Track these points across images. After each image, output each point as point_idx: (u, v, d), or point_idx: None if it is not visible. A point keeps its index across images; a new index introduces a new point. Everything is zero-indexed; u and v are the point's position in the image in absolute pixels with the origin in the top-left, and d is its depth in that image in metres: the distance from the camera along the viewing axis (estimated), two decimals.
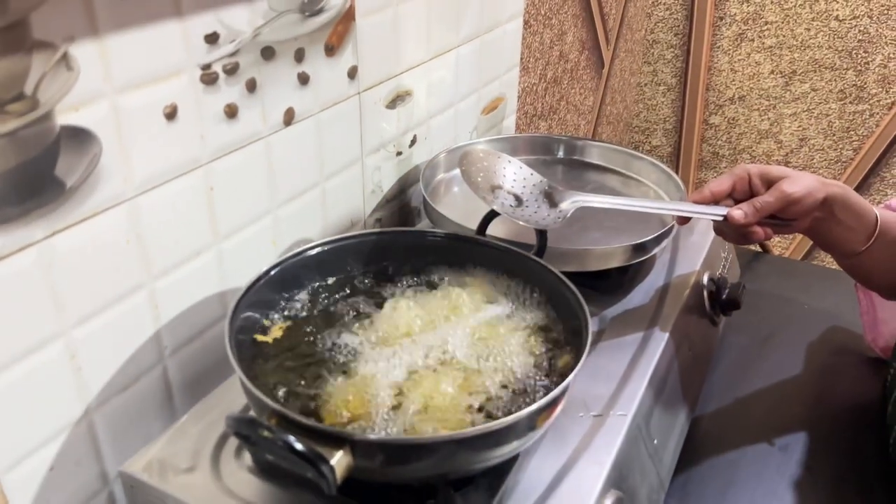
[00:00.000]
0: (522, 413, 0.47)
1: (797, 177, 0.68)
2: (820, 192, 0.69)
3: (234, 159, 0.65)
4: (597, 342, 0.70)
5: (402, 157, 0.91)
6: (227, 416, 0.45)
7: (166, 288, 0.62)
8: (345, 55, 0.75)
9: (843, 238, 0.73)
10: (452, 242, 0.68)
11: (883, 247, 0.73)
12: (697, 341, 0.79)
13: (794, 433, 0.80)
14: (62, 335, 0.54)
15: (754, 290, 1.03)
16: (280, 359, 0.57)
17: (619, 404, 0.62)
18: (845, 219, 0.71)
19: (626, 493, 0.58)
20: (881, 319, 0.91)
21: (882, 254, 0.74)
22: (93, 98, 0.51)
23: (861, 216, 0.72)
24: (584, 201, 0.69)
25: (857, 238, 0.73)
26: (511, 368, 0.57)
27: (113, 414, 0.60)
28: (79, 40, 0.49)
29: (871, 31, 1.69)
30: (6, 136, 0.47)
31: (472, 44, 1.00)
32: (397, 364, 0.56)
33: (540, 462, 0.57)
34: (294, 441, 0.42)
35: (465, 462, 0.49)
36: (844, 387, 0.88)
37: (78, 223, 0.53)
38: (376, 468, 0.47)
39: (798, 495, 0.73)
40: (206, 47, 0.59)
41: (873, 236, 0.72)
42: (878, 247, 0.73)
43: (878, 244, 0.73)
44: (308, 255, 0.64)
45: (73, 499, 0.59)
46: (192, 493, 0.54)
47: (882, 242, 0.73)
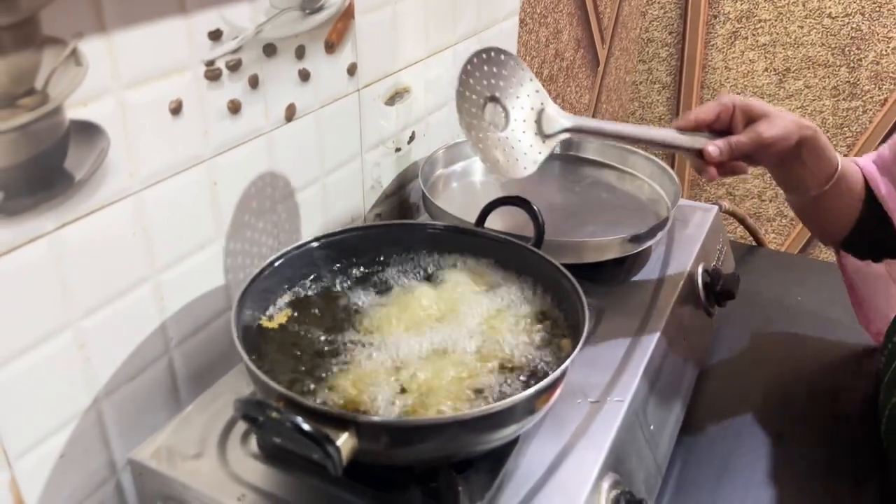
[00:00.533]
0: (522, 395, 0.48)
1: (775, 118, 0.70)
2: (794, 135, 0.71)
3: (237, 154, 0.66)
4: (594, 332, 0.72)
5: (400, 153, 0.92)
6: (235, 400, 0.46)
7: (171, 280, 0.63)
8: (344, 52, 0.76)
9: (802, 178, 0.76)
10: (451, 234, 0.69)
11: (835, 193, 0.76)
12: (692, 331, 0.81)
13: (788, 422, 0.82)
14: (71, 325, 0.55)
15: (749, 283, 1.04)
16: (284, 346, 0.59)
17: (615, 391, 0.64)
18: (809, 161, 0.74)
19: (624, 476, 0.59)
20: (865, 298, 0.93)
21: (833, 200, 0.77)
22: (101, 93, 0.53)
23: (824, 160, 0.75)
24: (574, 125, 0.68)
25: (815, 181, 0.76)
26: (510, 356, 0.58)
27: (121, 403, 0.61)
28: (87, 37, 0.51)
29: (864, 28, 1.71)
30: (18, 129, 0.48)
31: (469, 41, 1.01)
32: (398, 352, 0.58)
33: (539, 446, 0.58)
34: (301, 422, 0.44)
35: (466, 444, 0.50)
36: (838, 376, 0.90)
37: (86, 215, 0.54)
38: (380, 450, 0.48)
39: (792, 482, 0.74)
40: (210, 44, 0.60)
41: (830, 181, 0.75)
42: (831, 192, 0.76)
43: (832, 190, 0.76)
44: (311, 247, 0.65)
45: (83, 487, 0.60)
46: (200, 478, 0.55)
47: (836, 189, 0.76)
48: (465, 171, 0.97)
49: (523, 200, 0.69)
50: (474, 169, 0.98)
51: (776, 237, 1.99)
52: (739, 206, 1.97)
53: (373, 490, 0.53)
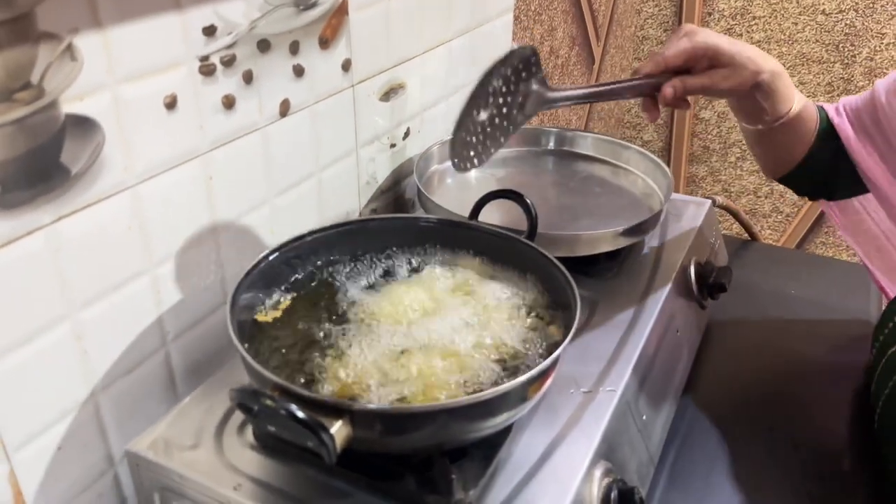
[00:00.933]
0: (513, 383, 0.49)
1: (737, 69, 0.72)
2: (749, 83, 0.73)
3: (232, 149, 0.67)
4: (587, 323, 0.73)
5: (395, 149, 0.93)
6: (230, 389, 0.47)
7: (168, 274, 0.64)
8: (339, 48, 0.77)
9: (756, 112, 0.78)
10: (445, 227, 0.70)
11: (787, 130, 0.79)
12: (685, 323, 0.82)
13: (780, 414, 0.82)
14: (69, 317, 0.56)
15: (743, 277, 1.05)
16: (279, 339, 0.59)
17: (608, 381, 0.64)
18: (764, 100, 0.76)
19: (616, 465, 0.60)
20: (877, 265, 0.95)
21: (783, 136, 0.80)
22: (96, 88, 0.53)
23: (780, 102, 0.77)
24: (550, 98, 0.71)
25: (769, 117, 0.78)
26: (503, 346, 0.59)
27: (118, 396, 0.62)
28: (82, 32, 0.51)
29: (858, 25, 1.72)
30: (14, 123, 0.49)
31: (464, 38, 1.02)
32: (392, 343, 0.58)
33: (532, 435, 0.59)
34: (296, 409, 0.44)
35: (459, 432, 0.51)
36: (830, 369, 0.90)
37: (83, 209, 0.55)
38: (375, 438, 0.49)
39: (785, 473, 0.75)
40: (204, 40, 0.61)
41: (782, 119, 0.78)
42: (783, 128, 0.79)
43: (784, 126, 0.79)
44: (306, 241, 0.66)
45: (81, 479, 0.61)
46: (196, 468, 0.56)
47: (788, 126, 0.79)
48: None
49: (516, 194, 0.69)
50: None
51: (772, 233, 2.00)
52: (735, 202, 1.98)
53: (367, 478, 0.54)
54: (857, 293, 1.05)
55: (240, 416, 0.61)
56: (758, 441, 0.78)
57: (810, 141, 0.81)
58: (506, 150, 1.02)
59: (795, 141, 0.82)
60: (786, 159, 0.84)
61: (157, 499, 0.58)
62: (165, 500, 0.58)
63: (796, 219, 1.94)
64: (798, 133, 0.81)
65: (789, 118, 0.78)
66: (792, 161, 0.84)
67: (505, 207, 0.74)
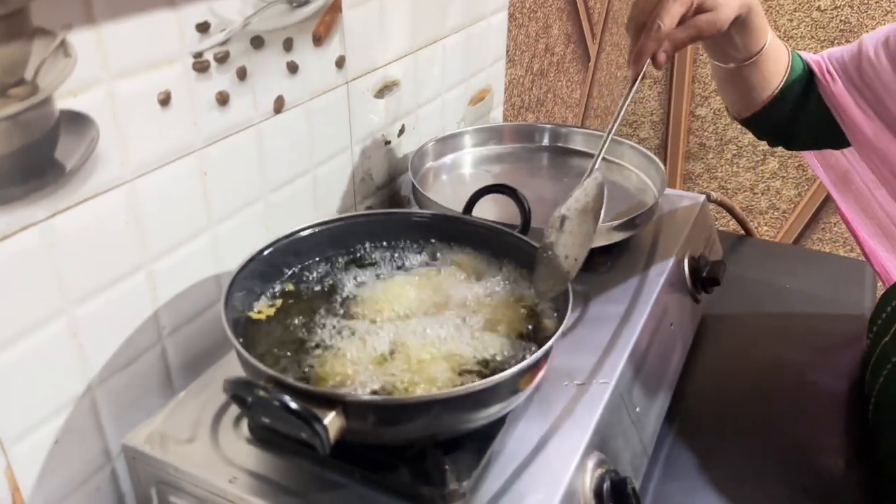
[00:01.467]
0: (505, 374, 0.49)
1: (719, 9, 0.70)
2: (727, 21, 0.72)
3: (227, 145, 0.67)
4: (580, 317, 0.73)
5: (390, 145, 0.93)
6: (224, 380, 0.47)
7: (164, 269, 0.64)
8: (332, 45, 0.77)
9: (727, 50, 0.79)
10: (439, 222, 0.70)
11: (756, 70, 0.80)
12: (679, 317, 0.82)
13: (776, 405, 0.83)
14: (64, 312, 0.56)
15: (738, 272, 1.05)
16: (273, 334, 0.60)
17: (601, 374, 0.65)
18: (737, 36, 0.76)
19: (609, 456, 0.60)
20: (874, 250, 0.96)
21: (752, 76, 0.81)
22: (90, 84, 0.54)
23: (753, 38, 0.77)
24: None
25: (740, 55, 0.79)
26: (496, 339, 0.59)
27: (114, 391, 0.62)
28: (76, 28, 0.52)
29: (853, 21, 1.72)
30: (9, 119, 0.49)
31: (458, 35, 1.02)
32: (385, 337, 0.59)
33: (525, 427, 0.59)
34: (289, 400, 0.45)
35: (452, 423, 0.51)
36: (824, 361, 0.91)
37: (78, 204, 0.55)
38: (368, 429, 0.49)
39: (780, 464, 0.75)
40: (198, 36, 0.61)
41: (753, 57, 0.78)
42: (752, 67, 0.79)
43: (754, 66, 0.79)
44: (300, 237, 0.66)
45: (78, 473, 0.61)
46: (192, 461, 0.56)
47: (758, 65, 0.79)
48: (455, 163, 0.99)
49: (509, 188, 0.70)
50: (463, 161, 0.99)
51: (768, 230, 2.00)
52: (731, 198, 1.99)
53: (361, 470, 0.54)
54: (853, 287, 1.05)
55: (235, 410, 0.61)
56: (752, 433, 0.78)
57: (779, 83, 0.82)
58: (500, 147, 1.02)
59: (764, 82, 0.82)
60: (753, 100, 0.84)
61: (153, 492, 0.59)
62: (162, 494, 0.58)
63: (793, 215, 1.95)
64: (768, 73, 0.81)
65: (761, 56, 0.78)
66: (758, 102, 0.84)
67: (500, 203, 0.74)
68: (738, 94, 0.86)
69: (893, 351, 0.76)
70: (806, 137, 0.88)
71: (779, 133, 0.89)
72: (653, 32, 0.68)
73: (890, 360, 0.76)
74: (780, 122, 0.86)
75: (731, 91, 0.86)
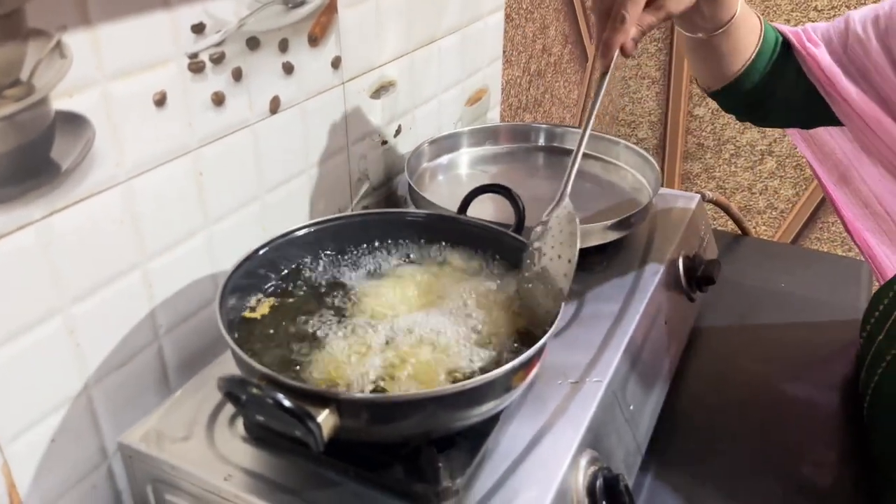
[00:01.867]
0: (498, 372, 0.50)
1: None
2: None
3: (222, 146, 0.68)
4: (575, 316, 0.73)
5: (387, 146, 0.94)
6: (218, 378, 0.48)
7: (160, 268, 0.65)
8: (328, 46, 0.78)
9: (695, 21, 0.77)
10: (434, 222, 0.71)
11: (726, 40, 0.78)
12: (673, 315, 0.82)
13: (771, 404, 0.83)
14: (61, 311, 0.57)
15: (734, 271, 1.06)
16: (267, 334, 0.60)
17: (595, 372, 0.65)
18: (705, 7, 0.75)
19: (602, 453, 0.61)
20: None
21: (722, 46, 0.79)
22: (85, 85, 0.54)
23: (721, 9, 0.75)
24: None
25: (708, 25, 0.77)
26: (490, 337, 0.59)
27: (111, 389, 0.63)
28: (71, 29, 0.52)
29: None
30: (4, 119, 0.49)
31: (454, 36, 1.03)
32: (379, 336, 0.59)
33: (519, 426, 0.60)
34: (283, 398, 0.45)
35: (445, 420, 0.51)
36: (820, 359, 0.91)
37: (74, 204, 0.55)
38: (362, 427, 0.49)
39: (774, 462, 0.75)
40: (193, 37, 0.62)
41: (722, 28, 0.76)
42: (722, 38, 0.77)
43: (723, 36, 0.77)
44: (296, 236, 0.67)
45: (75, 471, 0.61)
46: (188, 459, 0.57)
47: (727, 36, 0.77)
48: (451, 163, 0.99)
49: (504, 188, 0.70)
50: (460, 161, 1.00)
51: (766, 229, 2.00)
52: (730, 198, 1.99)
53: (356, 468, 0.55)
54: (849, 286, 1.05)
55: (231, 409, 0.61)
56: (748, 432, 0.79)
57: (751, 54, 0.80)
58: (496, 147, 1.03)
59: (735, 52, 0.80)
60: (724, 71, 0.82)
61: (149, 490, 0.59)
62: (158, 492, 0.59)
63: (791, 215, 1.95)
64: (739, 43, 0.79)
65: (731, 26, 0.77)
66: (729, 74, 0.82)
67: (496, 204, 0.75)
68: (708, 65, 0.84)
69: (888, 349, 0.76)
70: (780, 112, 0.86)
71: (752, 107, 0.87)
72: (618, 24, 0.66)
73: (884, 359, 0.76)
74: (753, 95, 0.84)
75: (702, 62, 0.84)
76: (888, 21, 0.75)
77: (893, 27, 0.75)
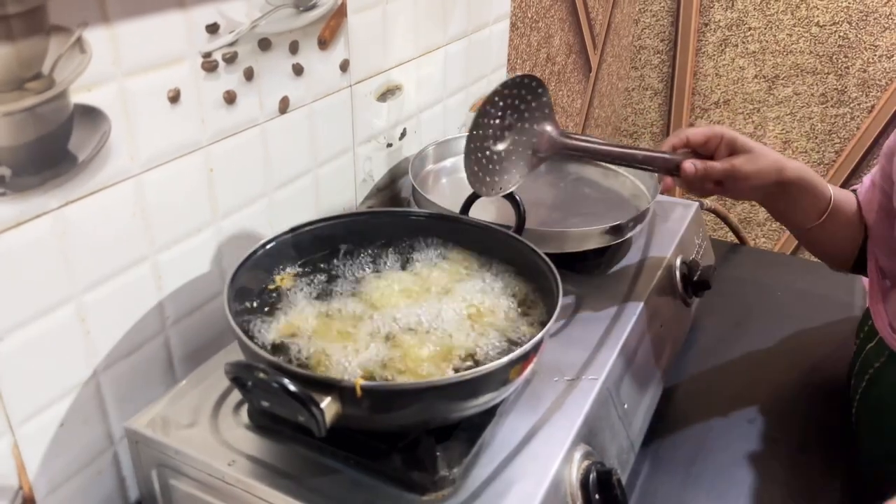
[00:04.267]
0: (496, 364, 0.51)
1: (756, 156, 0.74)
2: (772, 176, 0.75)
3: (233, 143, 0.70)
4: (573, 317, 0.75)
5: (392, 148, 0.96)
6: (226, 363, 0.49)
7: (169, 261, 0.67)
8: (337, 49, 0.80)
9: (793, 214, 0.80)
10: (436, 221, 0.73)
11: (832, 225, 0.80)
12: (669, 318, 0.84)
13: (761, 407, 0.85)
14: (73, 299, 0.58)
15: (731, 279, 1.08)
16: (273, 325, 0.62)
17: (590, 370, 0.67)
18: (799, 198, 0.78)
19: (596, 449, 0.62)
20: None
21: (831, 231, 0.81)
22: (103, 80, 0.56)
23: (814, 198, 0.78)
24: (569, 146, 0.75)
25: (808, 216, 0.80)
26: (489, 333, 0.61)
27: (118, 377, 0.64)
28: (91, 26, 0.54)
29: (851, 37, 1.75)
30: (26, 111, 0.51)
31: (460, 43, 1.05)
32: (381, 329, 0.61)
33: (515, 419, 0.61)
34: (288, 383, 0.47)
35: (444, 410, 0.53)
36: (811, 366, 0.93)
37: (89, 195, 0.57)
38: (362, 415, 0.51)
39: (764, 462, 0.77)
40: (207, 37, 0.64)
41: (822, 216, 0.79)
42: (827, 224, 0.80)
43: (828, 222, 0.80)
44: (302, 232, 0.69)
45: (81, 455, 0.63)
46: (193, 445, 0.58)
47: (832, 221, 0.80)
48: (455, 167, 1.01)
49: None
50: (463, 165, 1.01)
51: (766, 241, 2.02)
52: (730, 210, 2.01)
53: (356, 457, 0.56)
54: (843, 295, 1.07)
55: (235, 398, 0.63)
56: (739, 433, 0.80)
57: (861, 228, 0.82)
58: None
59: (845, 232, 0.82)
60: (846, 250, 0.85)
61: (154, 475, 0.61)
62: (163, 477, 0.60)
63: None
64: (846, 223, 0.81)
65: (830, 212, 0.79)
66: (851, 250, 0.84)
67: (498, 207, 0.77)
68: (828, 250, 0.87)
69: (876, 357, 0.78)
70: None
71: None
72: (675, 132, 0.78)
73: (872, 366, 0.78)
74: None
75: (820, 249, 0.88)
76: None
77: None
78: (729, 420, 0.82)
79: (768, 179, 0.75)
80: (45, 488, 0.61)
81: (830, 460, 0.78)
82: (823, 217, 0.79)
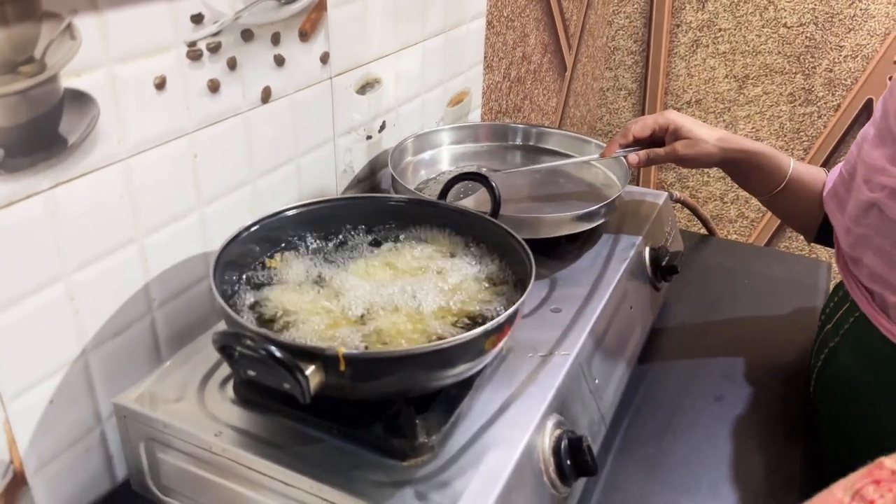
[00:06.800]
0: (472, 333, 0.54)
1: (695, 142, 0.84)
2: (713, 158, 0.85)
3: (217, 130, 0.72)
4: (546, 298, 0.78)
5: (371, 140, 0.98)
6: (214, 333, 0.51)
7: (155, 244, 0.69)
8: (317, 41, 0.82)
9: (748, 185, 0.89)
10: (414, 206, 0.75)
11: (789, 197, 0.87)
12: (639, 301, 0.87)
13: (729, 387, 0.88)
14: (63, 278, 0.60)
15: (699, 268, 1.11)
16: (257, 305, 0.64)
17: (563, 346, 0.70)
18: (750, 173, 0.87)
19: (568, 419, 0.65)
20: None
21: (789, 202, 0.88)
22: (92, 65, 0.58)
23: (768, 173, 0.86)
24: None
25: (764, 188, 0.88)
26: (467, 312, 0.64)
27: (106, 356, 0.66)
28: (81, 13, 0.56)
29: (818, 38, 1.80)
30: (18, 94, 0.53)
31: (438, 39, 1.08)
32: (360, 305, 0.63)
33: (491, 392, 0.64)
34: (275, 350, 0.49)
35: (422, 379, 0.56)
36: (776, 348, 0.96)
37: (78, 177, 0.59)
38: (345, 383, 0.54)
39: (731, 438, 0.80)
40: (192, 26, 0.66)
41: (776, 189, 0.87)
42: (783, 196, 0.87)
43: (784, 194, 0.87)
44: (286, 216, 0.71)
45: (70, 432, 0.65)
46: (180, 418, 0.60)
47: (788, 193, 0.87)
48: (433, 159, 1.04)
49: (481, 175, 0.75)
50: (441, 157, 1.04)
51: (738, 238, 2.07)
52: (702, 207, 2.05)
53: (339, 426, 0.59)
54: (808, 282, 1.11)
55: (221, 374, 0.65)
56: (707, 411, 0.84)
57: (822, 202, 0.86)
58: (476, 145, 1.07)
59: (806, 204, 0.87)
60: (806, 220, 0.90)
61: (142, 449, 0.63)
62: (150, 450, 0.62)
63: (761, 223, 2.02)
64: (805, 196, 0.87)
65: (785, 186, 0.86)
66: (812, 221, 0.89)
67: (476, 197, 0.79)
68: (788, 217, 0.93)
69: (832, 337, 0.82)
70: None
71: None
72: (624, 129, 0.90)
73: (828, 346, 0.82)
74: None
75: (780, 215, 0.95)
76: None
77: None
78: (697, 398, 0.85)
79: (710, 161, 0.86)
80: (34, 464, 0.62)
81: (792, 433, 0.82)
82: (777, 190, 0.87)
